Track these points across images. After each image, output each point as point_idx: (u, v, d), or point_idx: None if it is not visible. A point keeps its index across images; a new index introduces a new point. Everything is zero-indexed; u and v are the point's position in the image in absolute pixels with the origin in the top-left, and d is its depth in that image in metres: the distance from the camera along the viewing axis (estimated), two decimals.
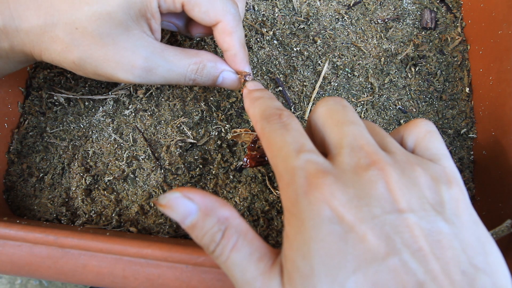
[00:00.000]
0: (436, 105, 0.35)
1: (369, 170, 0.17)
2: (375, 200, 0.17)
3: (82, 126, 0.33)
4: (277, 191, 0.30)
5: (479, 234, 0.17)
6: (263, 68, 0.35)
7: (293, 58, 0.35)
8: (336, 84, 0.35)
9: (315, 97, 0.34)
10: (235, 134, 0.31)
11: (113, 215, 0.30)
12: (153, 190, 0.31)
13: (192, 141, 0.32)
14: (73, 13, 0.24)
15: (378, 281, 0.15)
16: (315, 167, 0.17)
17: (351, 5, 0.38)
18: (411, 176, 0.18)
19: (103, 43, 0.24)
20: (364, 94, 0.34)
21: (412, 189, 0.17)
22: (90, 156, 0.32)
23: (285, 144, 0.19)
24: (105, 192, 0.31)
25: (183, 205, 0.19)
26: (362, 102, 0.34)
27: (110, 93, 0.34)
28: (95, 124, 0.33)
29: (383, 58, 0.36)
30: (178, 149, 0.32)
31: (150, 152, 0.32)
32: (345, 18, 0.37)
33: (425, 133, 0.21)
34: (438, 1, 0.39)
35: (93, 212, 0.30)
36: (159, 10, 0.25)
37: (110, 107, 0.33)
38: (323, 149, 0.20)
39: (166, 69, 0.26)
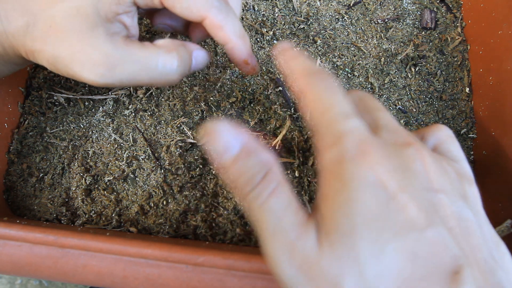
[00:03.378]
0: (436, 105, 0.34)
1: (408, 148, 0.18)
2: (414, 175, 0.17)
3: (82, 126, 0.33)
4: None
5: (493, 234, 0.18)
6: (263, 68, 0.35)
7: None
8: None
9: None
10: None
11: (113, 215, 0.30)
12: (153, 190, 0.31)
13: (192, 141, 0.32)
14: (49, 10, 0.23)
15: (416, 250, 0.16)
16: (364, 133, 0.18)
17: (351, 5, 0.38)
18: (440, 165, 0.19)
19: (70, 40, 0.23)
20: None
21: (443, 175, 0.18)
22: (90, 156, 0.32)
23: (334, 105, 0.19)
24: (105, 192, 0.31)
25: (227, 136, 0.18)
26: None
27: (110, 93, 0.34)
28: (95, 124, 0.33)
29: (383, 58, 0.36)
30: (178, 149, 0.32)
31: (150, 152, 0.32)
32: (345, 18, 0.37)
33: (446, 137, 0.22)
34: (438, 1, 0.39)
35: (93, 212, 0.30)
36: (136, 5, 0.24)
37: (110, 107, 0.33)
38: None
39: (131, 63, 0.23)
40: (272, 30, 0.36)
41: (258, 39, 0.36)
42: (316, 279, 0.16)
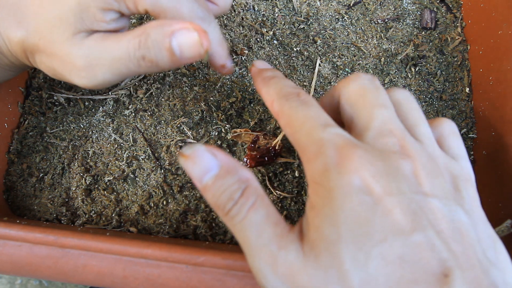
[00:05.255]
0: (436, 105, 0.34)
1: (396, 152, 0.18)
2: (402, 179, 0.17)
3: (82, 126, 0.33)
4: (277, 191, 0.30)
5: (490, 233, 0.18)
6: None
7: (293, 58, 0.35)
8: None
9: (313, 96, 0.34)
10: (235, 134, 0.31)
11: (113, 215, 0.30)
12: (153, 190, 0.31)
13: (192, 141, 0.32)
14: (36, 22, 0.22)
15: (403, 254, 0.15)
16: (344, 139, 0.18)
17: (351, 5, 0.38)
18: (434, 167, 0.18)
19: (56, 51, 0.23)
20: None
21: (435, 178, 0.18)
22: (90, 156, 0.32)
23: (308, 119, 0.19)
24: (105, 192, 0.31)
25: (206, 159, 0.19)
26: None
27: (110, 93, 0.34)
28: (95, 124, 0.33)
29: (383, 58, 0.36)
30: (178, 149, 0.32)
31: (150, 152, 0.32)
32: (345, 18, 0.37)
33: (449, 133, 0.21)
34: (438, 1, 0.39)
35: (93, 212, 0.30)
36: (122, 14, 0.24)
37: (110, 107, 0.33)
38: (348, 126, 0.20)
39: (108, 58, 0.22)
40: (272, 30, 0.36)
41: (258, 39, 0.36)
42: None
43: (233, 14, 0.37)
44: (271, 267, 0.17)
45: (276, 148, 0.29)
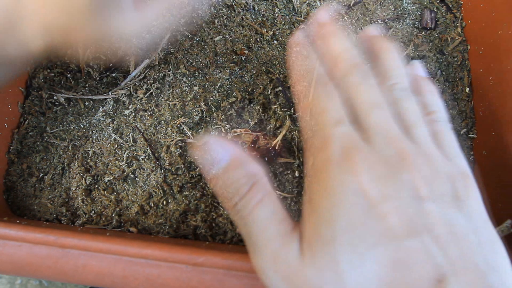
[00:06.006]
0: None
1: (394, 156, 0.18)
2: (401, 184, 0.17)
3: (82, 126, 0.33)
4: (277, 192, 0.30)
5: (490, 233, 0.18)
6: (263, 68, 0.35)
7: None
8: None
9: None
10: (235, 134, 0.31)
11: (113, 215, 0.30)
12: (153, 190, 0.31)
13: (192, 141, 0.32)
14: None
15: (396, 259, 0.15)
16: (351, 141, 0.18)
17: (351, 5, 0.38)
18: (432, 170, 0.18)
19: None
20: None
21: (433, 182, 0.18)
22: (90, 156, 0.32)
23: (325, 111, 0.19)
24: (105, 192, 0.31)
25: (216, 150, 0.19)
26: None
27: (110, 93, 0.34)
28: (95, 124, 0.33)
29: None
30: (178, 149, 0.32)
31: (150, 152, 0.32)
32: (345, 18, 0.37)
33: (442, 128, 0.21)
34: (438, 1, 0.39)
35: (93, 212, 0.30)
36: None
37: (110, 107, 0.33)
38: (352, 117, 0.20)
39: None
40: (272, 30, 0.36)
41: (258, 39, 0.36)
42: None
43: (233, 14, 0.37)
44: (272, 265, 0.17)
45: (276, 148, 0.29)
